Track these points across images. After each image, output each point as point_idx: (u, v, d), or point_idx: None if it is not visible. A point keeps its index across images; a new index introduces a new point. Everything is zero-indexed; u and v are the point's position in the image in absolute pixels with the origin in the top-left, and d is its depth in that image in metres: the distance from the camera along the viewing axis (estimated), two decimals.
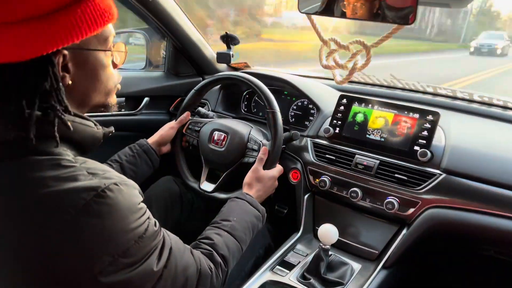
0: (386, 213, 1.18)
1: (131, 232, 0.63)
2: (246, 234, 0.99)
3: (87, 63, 0.69)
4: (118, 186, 0.62)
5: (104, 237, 0.59)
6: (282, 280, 1.10)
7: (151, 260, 0.66)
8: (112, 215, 0.60)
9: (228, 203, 1.07)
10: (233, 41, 1.77)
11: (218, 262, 0.86)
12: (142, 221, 0.65)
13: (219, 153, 1.36)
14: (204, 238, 0.91)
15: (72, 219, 0.57)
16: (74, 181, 0.59)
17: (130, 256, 0.62)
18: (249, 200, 1.09)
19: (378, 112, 1.28)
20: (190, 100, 1.47)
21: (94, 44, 0.69)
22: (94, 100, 0.73)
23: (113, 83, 0.77)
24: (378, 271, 1.15)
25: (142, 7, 1.54)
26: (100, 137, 0.73)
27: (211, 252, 0.86)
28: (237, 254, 0.95)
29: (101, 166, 0.66)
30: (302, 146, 1.40)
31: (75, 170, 0.61)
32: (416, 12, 0.65)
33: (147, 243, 0.66)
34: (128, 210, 0.63)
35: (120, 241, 0.61)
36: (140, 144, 1.30)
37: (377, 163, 1.22)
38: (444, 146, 1.18)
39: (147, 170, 1.30)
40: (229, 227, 0.96)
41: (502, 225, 1.04)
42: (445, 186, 1.12)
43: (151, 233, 0.67)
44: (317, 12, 0.76)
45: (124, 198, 0.62)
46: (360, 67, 0.84)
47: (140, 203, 0.67)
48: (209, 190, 1.35)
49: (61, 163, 0.61)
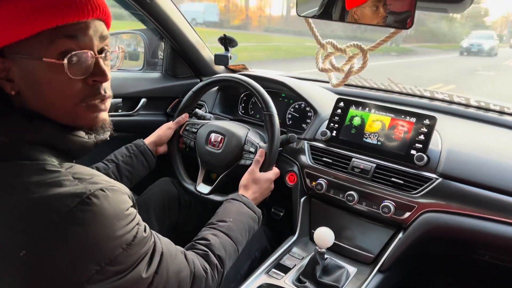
0: (382, 217, 1.18)
1: (118, 239, 0.61)
2: (242, 235, 0.99)
3: (30, 75, 0.61)
4: (105, 192, 0.60)
5: (89, 245, 0.57)
6: (278, 283, 1.09)
7: (140, 267, 0.65)
8: (98, 222, 0.58)
9: (224, 204, 1.07)
10: (231, 43, 1.77)
11: (214, 263, 0.85)
12: (130, 228, 0.63)
13: (216, 155, 1.36)
14: (200, 239, 0.91)
15: (56, 227, 0.55)
16: (58, 186, 0.57)
17: (118, 264, 0.61)
18: (245, 201, 1.09)
19: (375, 116, 1.28)
20: (187, 101, 1.47)
21: (38, 51, 0.59)
22: (60, 120, 0.65)
23: (74, 102, 0.64)
24: (373, 275, 1.15)
25: (140, 8, 1.54)
26: (91, 146, 0.71)
27: (207, 252, 0.86)
28: (233, 255, 0.94)
29: (88, 171, 0.64)
30: (299, 149, 1.40)
31: (60, 175, 0.59)
32: (413, 17, 0.66)
33: (136, 250, 0.64)
34: (114, 217, 0.60)
35: (106, 249, 0.59)
36: (137, 145, 1.30)
37: (373, 166, 1.22)
38: (441, 151, 1.18)
39: (143, 171, 1.30)
40: (225, 228, 0.95)
41: (498, 230, 1.05)
42: (441, 191, 1.12)
43: (140, 239, 0.65)
44: (315, 15, 0.76)
45: (110, 204, 0.60)
46: (357, 71, 0.84)
47: (129, 208, 0.65)
48: (205, 192, 1.35)
49: (45, 168, 0.59)
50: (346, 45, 0.82)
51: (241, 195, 1.12)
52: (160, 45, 1.87)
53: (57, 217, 0.55)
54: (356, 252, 1.24)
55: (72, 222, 0.56)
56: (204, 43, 1.83)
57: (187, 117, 1.47)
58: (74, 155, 0.68)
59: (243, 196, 1.11)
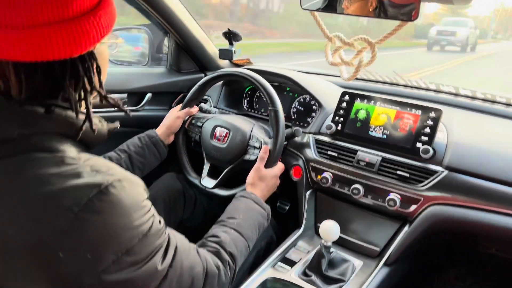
0: (388, 210, 1.18)
1: (135, 229, 0.62)
2: (252, 232, 0.99)
3: (102, 57, 0.69)
4: (122, 183, 0.61)
5: (107, 234, 0.59)
6: (284, 277, 1.10)
7: (156, 259, 0.66)
8: (115, 212, 0.59)
9: (233, 201, 1.08)
10: (235, 38, 1.77)
11: (226, 260, 0.85)
12: (146, 219, 0.64)
13: (221, 149, 1.37)
14: (211, 236, 0.91)
15: (75, 217, 0.56)
16: (77, 178, 0.58)
17: (134, 254, 0.62)
18: (253, 198, 1.09)
19: (380, 109, 1.28)
20: (193, 95, 1.47)
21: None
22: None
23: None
24: (379, 268, 1.15)
25: (144, 3, 1.54)
26: (105, 133, 0.72)
27: (218, 250, 0.86)
28: (245, 251, 0.95)
29: (106, 163, 0.65)
30: (304, 142, 1.40)
31: (78, 167, 0.60)
32: (419, 9, 0.65)
33: (151, 241, 0.65)
34: (131, 208, 0.62)
35: (123, 239, 0.60)
36: (149, 135, 1.31)
37: (379, 160, 1.22)
38: (447, 143, 1.17)
39: (155, 162, 1.32)
40: (235, 224, 0.96)
41: (505, 223, 1.04)
42: (447, 183, 1.11)
43: (156, 231, 0.66)
44: (320, 8, 0.76)
45: (127, 195, 0.62)
46: (366, 64, 0.84)
47: (145, 200, 0.67)
48: (210, 186, 1.35)
49: (64, 160, 0.60)
50: (354, 39, 0.82)
51: (249, 192, 1.12)
52: (164, 40, 1.87)
53: (75, 206, 0.56)
54: (361, 245, 1.24)
55: (91, 212, 0.57)
56: (208, 37, 1.83)
57: (196, 110, 1.47)
58: (91, 144, 0.70)
59: (251, 193, 1.12)
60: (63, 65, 0.60)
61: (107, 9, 0.63)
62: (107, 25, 0.63)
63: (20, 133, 0.59)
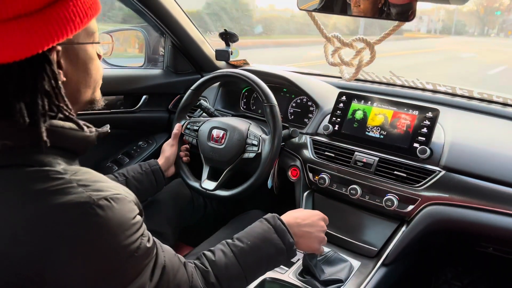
0: (386, 210, 1.18)
1: (122, 250, 0.59)
2: (256, 264, 0.86)
3: (79, 58, 0.67)
4: (109, 202, 0.58)
5: (92, 255, 0.56)
6: (281, 277, 1.10)
7: (142, 279, 0.64)
8: (102, 233, 0.57)
9: (255, 222, 0.94)
10: (232, 38, 1.76)
11: (210, 283, 0.80)
12: (134, 239, 0.62)
13: (219, 150, 1.36)
14: (210, 251, 0.86)
15: (59, 238, 0.54)
16: (62, 195, 0.56)
17: (120, 275, 0.60)
18: (277, 226, 0.90)
19: (377, 109, 1.28)
20: (187, 100, 1.46)
21: (83, 38, 0.67)
22: (84, 96, 0.71)
23: (100, 76, 0.75)
24: (377, 268, 1.15)
25: (140, 4, 1.54)
26: (93, 140, 0.70)
27: (208, 270, 0.81)
28: (237, 281, 0.84)
29: (93, 177, 0.62)
30: (301, 143, 1.40)
31: (64, 182, 0.57)
32: (415, 9, 0.65)
33: (139, 261, 0.63)
34: (118, 228, 0.59)
35: (109, 260, 0.58)
36: (150, 164, 1.29)
37: (376, 160, 1.22)
38: (444, 143, 1.18)
39: (151, 190, 1.29)
40: (239, 249, 0.86)
41: (502, 222, 1.04)
42: (444, 183, 1.11)
43: (144, 251, 0.63)
44: (316, 9, 0.75)
45: (115, 215, 0.59)
46: (366, 64, 0.84)
47: (135, 216, 0.64)
48: (210, 188, 1.34)
49: (49, 175, 0.57)
50: (352, 39, 0.82)
51: (277, 217, 0.93)
52: (160, 41, 1.87)
53: (60, 227, 0.54)
54: (359, 245, 1.24)
55: (75, 234, 0.55)
56: (204, 38, 1.82)
57: (180, 128, 1.43)
58: (79, 152, 0.68)
59: (279, 220, 0.92)
60: (20, 68, 0.56)
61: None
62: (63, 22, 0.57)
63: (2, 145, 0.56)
